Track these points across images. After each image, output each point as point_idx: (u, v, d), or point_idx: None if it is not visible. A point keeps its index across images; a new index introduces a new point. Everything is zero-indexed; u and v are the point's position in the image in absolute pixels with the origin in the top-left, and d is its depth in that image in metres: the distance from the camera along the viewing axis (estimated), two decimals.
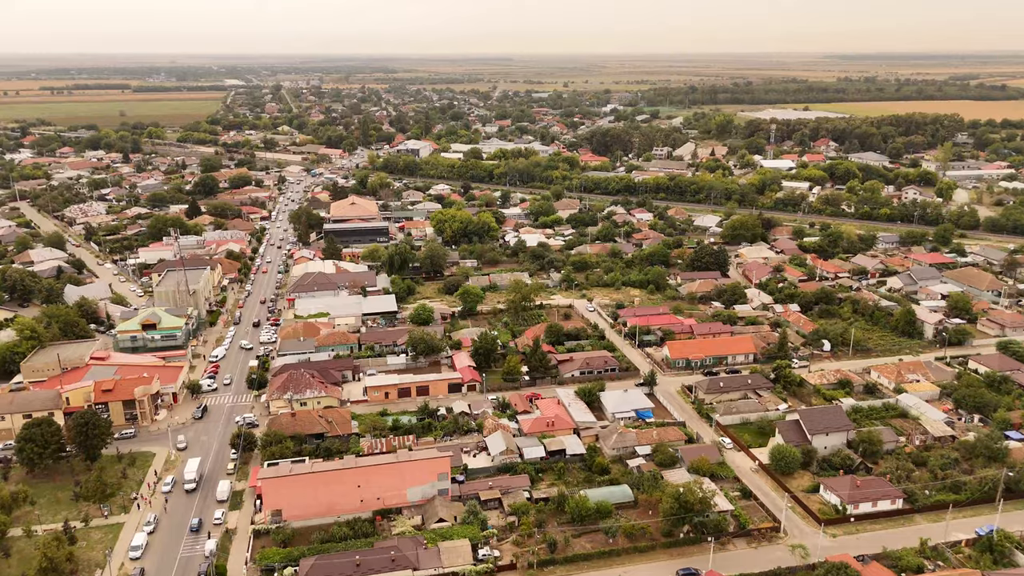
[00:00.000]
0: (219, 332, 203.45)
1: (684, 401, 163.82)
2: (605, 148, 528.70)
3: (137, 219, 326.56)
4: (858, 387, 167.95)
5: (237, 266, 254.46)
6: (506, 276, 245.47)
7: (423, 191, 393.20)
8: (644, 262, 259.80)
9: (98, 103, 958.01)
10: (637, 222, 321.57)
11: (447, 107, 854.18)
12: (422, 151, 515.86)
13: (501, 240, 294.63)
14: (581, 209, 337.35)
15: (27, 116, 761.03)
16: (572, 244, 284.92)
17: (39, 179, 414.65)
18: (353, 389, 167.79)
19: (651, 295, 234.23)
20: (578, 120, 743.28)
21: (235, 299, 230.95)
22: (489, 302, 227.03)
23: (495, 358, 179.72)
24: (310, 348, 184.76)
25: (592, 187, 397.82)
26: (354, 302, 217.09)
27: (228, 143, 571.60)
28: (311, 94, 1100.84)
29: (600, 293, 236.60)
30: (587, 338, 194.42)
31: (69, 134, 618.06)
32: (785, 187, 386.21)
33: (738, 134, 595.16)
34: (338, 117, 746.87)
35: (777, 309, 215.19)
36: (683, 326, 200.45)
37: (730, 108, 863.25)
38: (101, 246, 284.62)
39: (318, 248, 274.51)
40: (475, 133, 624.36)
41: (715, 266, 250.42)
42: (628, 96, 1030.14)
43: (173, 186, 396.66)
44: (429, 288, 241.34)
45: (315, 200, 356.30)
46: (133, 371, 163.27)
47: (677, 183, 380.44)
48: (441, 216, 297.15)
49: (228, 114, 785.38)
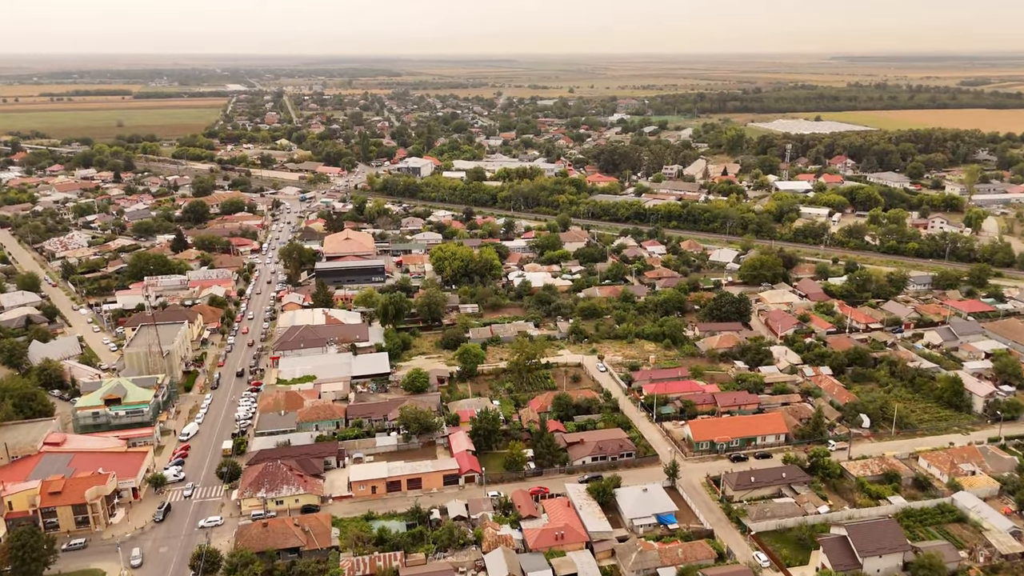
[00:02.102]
0: (194, 400, 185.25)
1: (710, 497, 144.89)
2: (613, 166, 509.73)
3: (120, 252, 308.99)
4: (906, 480, 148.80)
5: (220, 314, 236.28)
6: (509, 327, 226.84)
7: (423, 217, 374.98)
8: (658, 309, 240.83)
9: (97, 111, 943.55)
10: (649, 257, 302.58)
11: (450, 117, 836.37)
12: (423, 169, 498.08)
13: (504, 280, 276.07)
14: (589, 242, 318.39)
15: (23, 126, 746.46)
16: (580, 285, 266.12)
17: (24, 203, 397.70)
18: (337, 479, 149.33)
19: (667, 350, 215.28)
20: (584, 132, 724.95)
21: (215, 355, 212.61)
22: (491, 358, 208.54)
23: (496, 438, 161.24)
24: (291, 425, 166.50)
25: (600, 213, 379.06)
26: (343, 362, 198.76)
27: (224, 159, 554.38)
28: (313, 101, 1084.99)
29: (612, 347, 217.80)
30: (599, 410, 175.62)
31: (62, 149, 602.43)
32: (804, 214, 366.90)
33: (750, 149, 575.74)
34: (339, 129, 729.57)
35: (807, 372, 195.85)
36: (704, 395, 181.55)
37: (740, 117, 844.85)
38: (78, 286, 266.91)
39: (308, 291, 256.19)
40: (479, 148, 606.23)
41: (736, 315, 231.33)
42: (635, 104, 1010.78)
43: (162, 212, 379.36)
44: (426, 340, 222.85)
45: (308, 231, 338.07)
46: (89, 461, 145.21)
47: (690, 210, 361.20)
48: (441, 253, 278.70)
49: (227, 125, 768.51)
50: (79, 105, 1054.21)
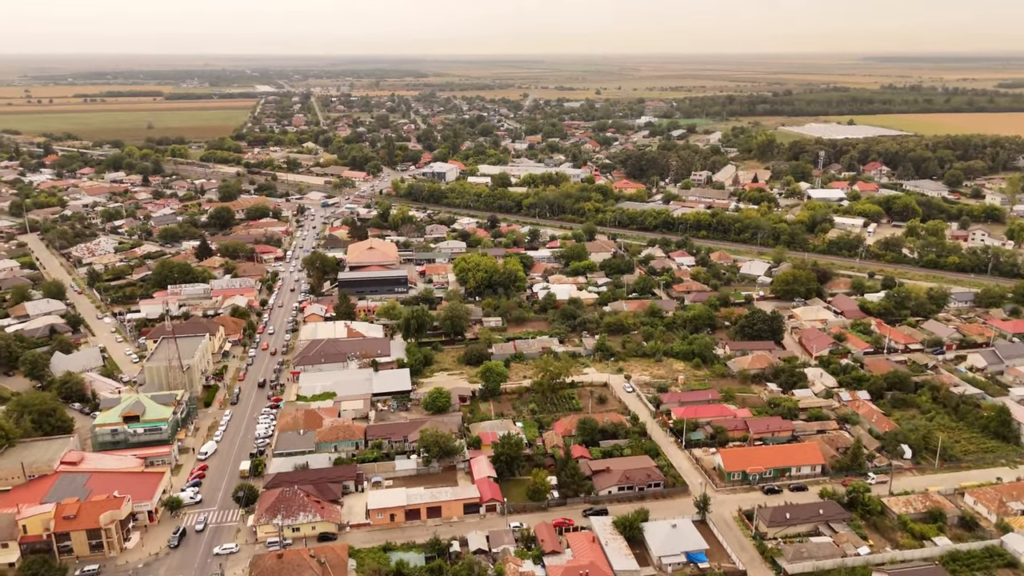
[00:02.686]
0: (213, 416, 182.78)
1: (743, 534, 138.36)
2: (640, 172, 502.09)
3: (145, 259, 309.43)
4: (952, 518, 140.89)
5: (242, 325, 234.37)
6: (533, 343, 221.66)
7: (447, 224, 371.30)
8: (687, 326, 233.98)
9: (128, 112, 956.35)
10: (677, 269, 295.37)
11: (476, 120, 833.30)
12: (448, 174, 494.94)
13: (529, 291, 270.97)
14: (616, 253, 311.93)
15: (56, 128, 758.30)
16: (606, 298, 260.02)
17: (53, 207, 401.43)
18: (355, 505, 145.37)
19: (697, 369, 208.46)
20: (611, 135, 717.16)
21: (236, 368, 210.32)
22: (515, 375, 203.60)
23: (519, 464, 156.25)
24: (310, 445, 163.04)
25: (627, 221, 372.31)
26: (364, 379, 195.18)
27: (251, 162, 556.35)
28: (340, 103, 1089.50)
29: (639, 366, 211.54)
30: (626, 435, 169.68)
31: (92, 151, 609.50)
32: (838, 224, 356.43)
33: (781, 154, 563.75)
34: (365, 132, 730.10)
35: (843, 397, 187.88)
36: (736, 420, 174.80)
37: (770, 120, 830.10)
38: (103, 294, 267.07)
39: (330, 302, 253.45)
40: (504, 152, 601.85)
41: (768, 334, 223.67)
42: (663, 107, 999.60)
43: (188, 217, 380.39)
44: (448, 355, 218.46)
45: (332, 238, 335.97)
46: (105, 482, 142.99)
47: (720, 220, 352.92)
48: (464, 264, 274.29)
49: (255, 127, 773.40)
50: (111, 106, 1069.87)
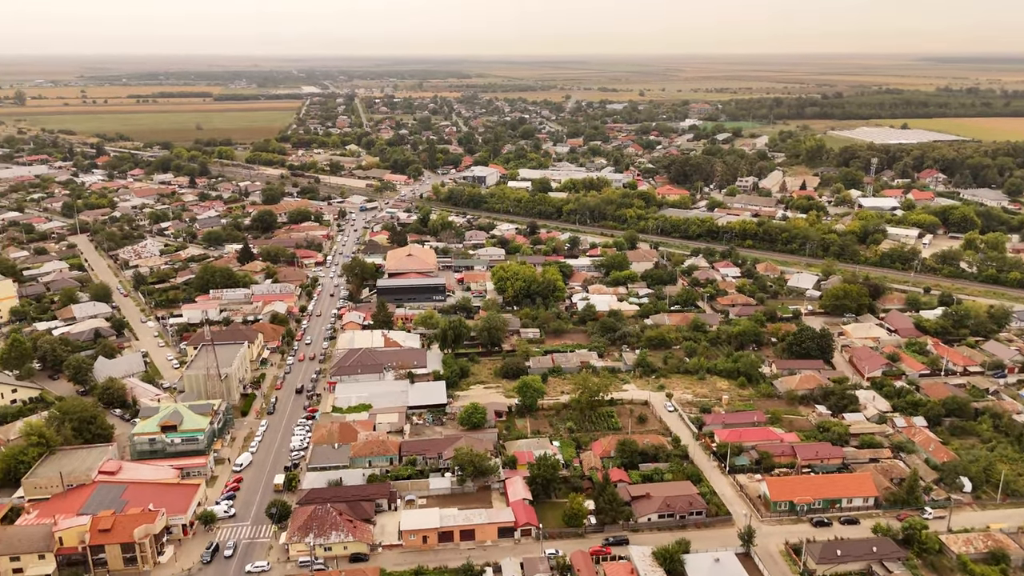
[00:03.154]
0: (250, 426, 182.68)
1: (790, 569, 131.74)
2: (684, 177, 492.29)
3: (189, 262, 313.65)
4: (1016, 560, 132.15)
5: (281, 332, 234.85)
6: (572, 357, 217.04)
7: (487, 230, 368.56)
8: (732, 342, 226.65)
9: (178, 113, 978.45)
10: (722, 280, 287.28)
11: (518, 122, 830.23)
12: (489, 178, 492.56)
13: (567, 302, 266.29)
14: (658, 262, 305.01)
15: (109, 128, 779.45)
16: (647, 311, 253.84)
17: (103, 208, 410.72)
18: (388, 524, 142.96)
19: (741, 388, 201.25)
20: (654, 138, 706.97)
21: (274, 377, 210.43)
22: (552, 390, 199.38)
23: (556, 486, 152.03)
24: (344, 460, 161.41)
25: (670, 229, 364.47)
26: (399, 391, 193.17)
27: (295, 164, 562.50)
28: (384, 104, 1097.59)
29: (681, 383, 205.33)
30: (667, 458, 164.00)
31: (143, 152, 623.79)
32: (891, 235, 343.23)
33: (830, 160, 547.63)
34: (407, 134, 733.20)
35: (898, 423, 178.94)
36: (783, 445, 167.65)
37: (819, 124, 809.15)
38: (148, 297, 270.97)
39: (369, 309, 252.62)
40: (545, 156, 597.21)
41: (817, 352, 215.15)
42: (708, 109, 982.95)
43: (232, 219, 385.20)
44: (485, 368, 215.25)
45: (372, 243, 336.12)
46: (141, 493, 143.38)
47: (766, 229, 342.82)
48: (503, 272, 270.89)
49: (299, 129, 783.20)
50: (162, 107, 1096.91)
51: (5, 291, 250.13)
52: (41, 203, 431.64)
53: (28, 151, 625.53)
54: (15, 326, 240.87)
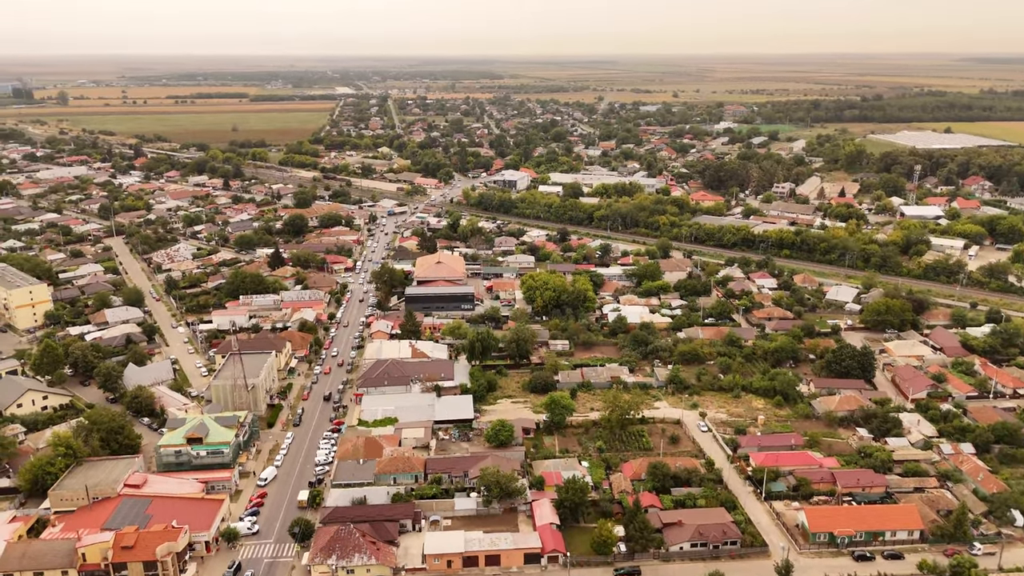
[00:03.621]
0: (275, 438, 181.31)
1: None
2: (719, 183, 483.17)
3: (221, 266, 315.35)
4: None
5: (309, 340, 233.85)
6: (602, 371, 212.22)
7: (516, 236, 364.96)
8: (768, 358, 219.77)
9: (215, 114, 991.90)
10: (758, 292, 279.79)
11: (550, 124, 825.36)
12: (520, 182, 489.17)
13: (598, 312, 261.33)
14: (691, 273, 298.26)
15: (148, 129, 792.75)
16: (680, 323, 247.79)
17: (139, 211, 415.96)
18: (412, 546, 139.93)
19: (778, 408, 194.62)
20: (688, 142, 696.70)
21: (301, 387, 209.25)
22: (582, 406, 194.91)
23: (584, 510, 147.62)
24: (368, 476, 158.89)
25: (704, 237, 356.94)
26: (426, 404, 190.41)
27: (327, 167, 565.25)
28: (416, 105, 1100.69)
29: (715, 401, 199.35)
30: (700, 482, 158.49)
31: (179, 154, 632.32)
32: (935, 246, 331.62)
33: (870, 166, 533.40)
34: (439, 136, 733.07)
35: (944, 449, 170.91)
36: (822, 471, 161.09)
37: (858, 128, 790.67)
38: (179, 302, 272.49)
39: (397, 318, 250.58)
40: (576, 160, 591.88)
41: (858, 371, 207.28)
42: (743, 111, 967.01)
43: (264, 222, 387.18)
44: (513, 381, 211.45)
45: (402, 249, 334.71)
46: (166, 508, 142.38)
47: (804, 238, 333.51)
48: (532, 282, 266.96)
49: (333, 130, 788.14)
50: (200, 108, 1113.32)
51: (40, 295, 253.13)
52: (79, 205, 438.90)
53: (68, 152, 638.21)
54: (49, 330, 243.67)
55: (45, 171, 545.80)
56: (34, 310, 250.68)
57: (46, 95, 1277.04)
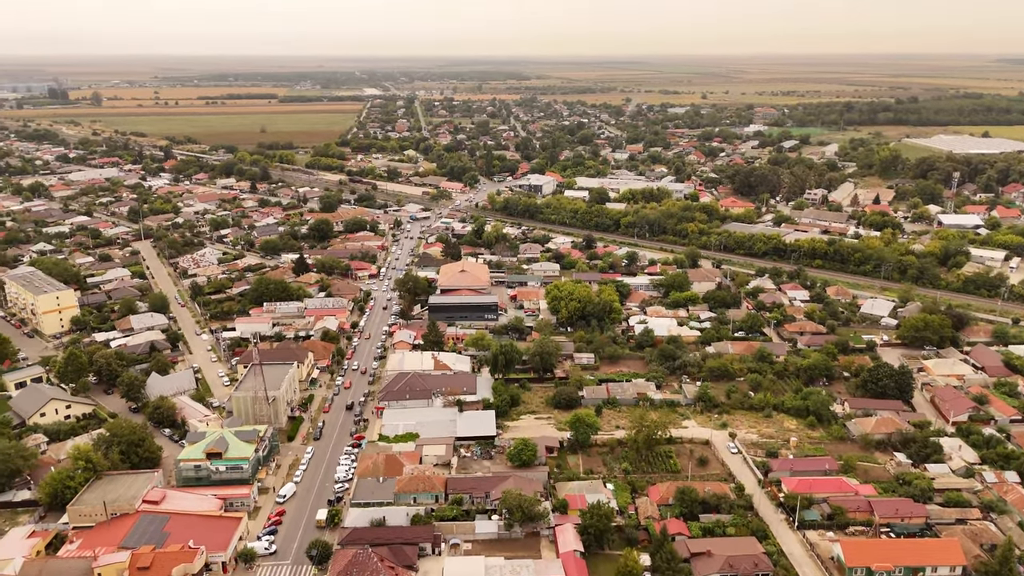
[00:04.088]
0: (295, 452, 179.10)
1: None
2: (749, 188, 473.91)
3: (246, 271, 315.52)
4: None
5: (331, 350, 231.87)
6: (628, 387, 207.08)
7: (542, 243, 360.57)
8: (801, 376, 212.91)
9: (244, 115, 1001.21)
10: (790, 304, 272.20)
11: (576, 127, 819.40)
12: (545, 187, 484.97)
13: (624, 324, 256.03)
14: (721, 284, 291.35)
15: (178, 131, 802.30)
16: (709, 337, 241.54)
17: (167, 213, 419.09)
18: (431, 570, 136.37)
19: (811, 429, 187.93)
20: (717, 145, 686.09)
21: (322, 399, 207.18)
22: (607, 423, 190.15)
23: (609, 537, 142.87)
24: (388, 496, 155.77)
25: (734, 246, 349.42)
26: (448, 420, 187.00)
27: (353, 170, 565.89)
28: (443, 107, 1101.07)
29: (745, 421, 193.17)
30: (729, 508, 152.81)
31: (208, 156, 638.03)
32: (974, 257, 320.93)
33: (906, 171, 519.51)
34: (465, 139, 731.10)
35: (988, 477, 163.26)
36: (858, 499, 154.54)
37: (892, 131, 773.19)
38: (204, 308, 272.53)
39: (420, 328, 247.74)
40: (603, 164, 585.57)
41: (895, 391, 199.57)
42: (773, 114, 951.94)
43: (288, 228, 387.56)
44: (536, 395, 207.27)
45: (426, 256, 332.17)
46: (183, 525, 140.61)
47: (837, 248, 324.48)
48: (557, 292, 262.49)
49: (359, 132, 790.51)
50: (230, 109, 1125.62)
51: (67, 300, 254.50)
52: (109, 207, 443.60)
53: (100, 153, 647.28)
54: (75, 336, 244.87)
55: (77, 173, 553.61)
56: (61, 315, 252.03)
57: (81, 95, 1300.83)
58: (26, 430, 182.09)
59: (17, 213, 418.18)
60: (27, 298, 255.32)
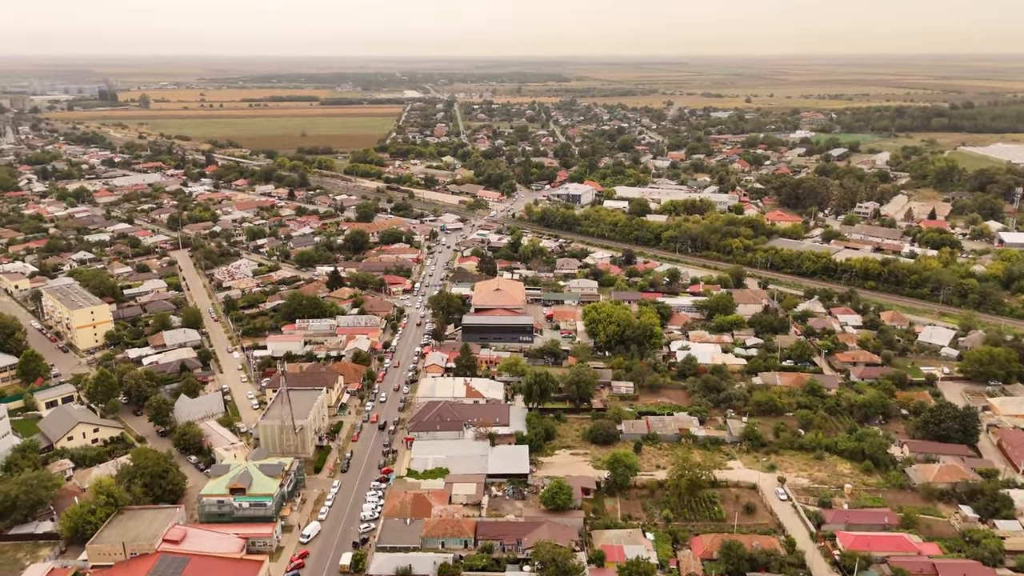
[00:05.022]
0: (322, 485, 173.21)
1: None
2: (796, 201, 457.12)
3: (280, 284, 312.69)
4: None
5: (362, 372, 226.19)
6: (669, 422, 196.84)
7: (579, 257, 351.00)
8: (855, 413, 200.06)
9: (286, 119, 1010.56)
10: (841, 331, 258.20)
11: (616, 132, 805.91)
12: (583, 197, 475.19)
13: (665, 349, 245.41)
14: (767, 307, 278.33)
15: (221, 134, 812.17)
16: (756, 367, 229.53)
17: (205, 222, 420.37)
18: None
19: (867, 475, 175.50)
20: (762, 152, 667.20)
21: (351, 426, 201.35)
22: (646, 461, 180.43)
23: None
24: (415, 540, 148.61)
25: (781, 264, 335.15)
26: (479, 454, 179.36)
27: (391, 177, 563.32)
28: (482, 111, 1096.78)
29: (795, 463, 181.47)
30: (779, 567, 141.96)
31: (248, 161, 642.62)
32: None
33: (963, 183, 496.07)
34: (503, 145, 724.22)
35: None
36: (921, 560, 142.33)
37: (947, 138, 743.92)
38: (236, 324, 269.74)
39: (452, 349, 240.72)
40: (644, 172, 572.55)
41: (959, 433, 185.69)
42: (820, 120, 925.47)
43: (324, 238, 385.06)
44: (572, 427, 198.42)
45: (461, 272, 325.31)
46: (204, 568, 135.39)
47: (892, 269, 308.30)
48: (595, 314, 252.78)
49: (398, 137, 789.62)
50: (272, 111, 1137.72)
51: (101, 315, 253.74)
52: (150, 214, 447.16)
53: (145, 158, 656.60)
54: (108, 352, 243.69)
55: (122, 178, 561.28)
56: (95, 330, 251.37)
57: (129, 97, 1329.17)
58: (53, 454, 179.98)
59: (61, 220, 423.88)
60: (63, 312, 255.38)
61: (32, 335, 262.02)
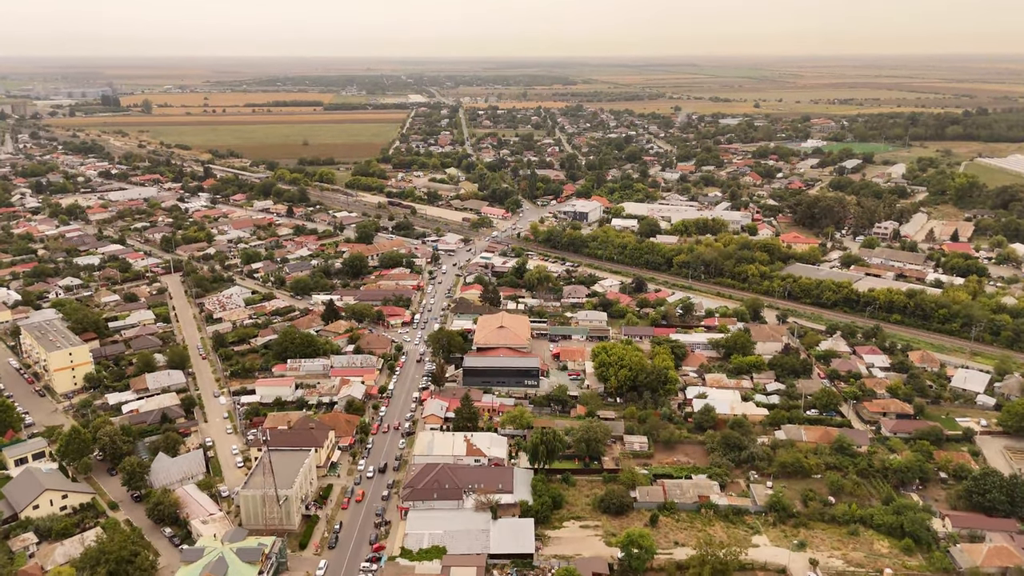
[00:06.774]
0: (307, 565, 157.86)
1: None
2: (812, 220, 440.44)
3: (273, 317, 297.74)
4: None
5: (355, 424, 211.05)
6: (688, 487, 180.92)
7: (587, 285, 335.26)
8: (891, 477, 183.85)
9: (288, 125, 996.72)
10: (868, 374, 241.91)
11: (623, 141, 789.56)
12: (591, 214, 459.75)
13: (681, 396, 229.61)
14: (788, 346, 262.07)
15: (223, 142, 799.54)
16: (779, 418, 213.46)
17: (200, 242, 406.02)
18: None
19: (907, 555, 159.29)
20: (773, 163, 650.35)
21: (342, 489, 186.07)
22: (663, 537, 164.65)
23: None
24: None
25: (799, 293, 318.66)
26: (479, 529, 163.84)
27: (393, 191, 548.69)
28: (487, 117, 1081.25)
29: (826, 537, 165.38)
30: None
31: (248, 172, 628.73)
32: None
33: (984, 199, 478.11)
34: (508, 155, 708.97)
35: None
36: None
37: (962, 147, 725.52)
38: (225, 363, 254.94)
39: (452, 396, 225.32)
40: (652, 186, 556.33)
41: (1006, 505, 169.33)
42: (831, 127, 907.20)
43: (322, 259, 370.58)
44: (582, 492, 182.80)
45: (462, 302, 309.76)
46: None
47: (918, 302, 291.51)
48: (606, 357, 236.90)
49: (402, 147, 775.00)
50: (275, 118, 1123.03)
51: (80, 356, 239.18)
52: (143, 233, 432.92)
53: (143, 170, 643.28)
54: (86, 397, 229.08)
55: (117, 192, 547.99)
56: (74, 372, 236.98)
57: (132, 102, 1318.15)
58: (15, 526, 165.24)
59: (50, 240, 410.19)
60: (40, 352, 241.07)
61: (9, 375, 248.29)
